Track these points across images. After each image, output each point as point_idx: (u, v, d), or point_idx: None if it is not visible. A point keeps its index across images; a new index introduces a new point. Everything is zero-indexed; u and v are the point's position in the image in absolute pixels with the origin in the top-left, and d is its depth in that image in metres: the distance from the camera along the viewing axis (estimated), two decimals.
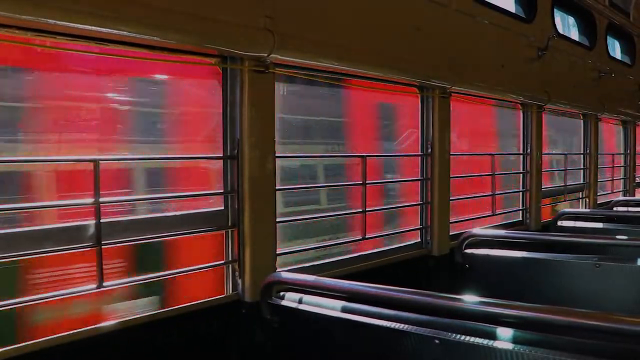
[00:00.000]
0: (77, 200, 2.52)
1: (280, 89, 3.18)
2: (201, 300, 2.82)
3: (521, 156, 5.70)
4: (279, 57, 2.92)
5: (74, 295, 2.45)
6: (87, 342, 2.39)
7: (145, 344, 2.61)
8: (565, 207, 6.35)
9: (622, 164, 8.35)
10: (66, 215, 2.48)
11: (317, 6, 3.17)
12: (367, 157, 3.82)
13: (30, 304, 2.35)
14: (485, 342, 1.96)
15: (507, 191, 7.10)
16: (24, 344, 2.22)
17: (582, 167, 7.11)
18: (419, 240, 4.30)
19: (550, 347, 1.87)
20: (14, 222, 2.33)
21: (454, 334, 2.04)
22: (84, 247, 2.43)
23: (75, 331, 2.36)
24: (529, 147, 5.63)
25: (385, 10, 3.65)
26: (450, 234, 4.39)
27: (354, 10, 3.43)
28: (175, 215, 2.83)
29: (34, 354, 2.23)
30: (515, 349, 1.90)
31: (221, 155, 2.94)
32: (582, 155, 7.13)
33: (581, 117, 7.08)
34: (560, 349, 1.85)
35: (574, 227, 5.26)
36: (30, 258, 2.33)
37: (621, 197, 7.86)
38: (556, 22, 5.85)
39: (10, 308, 2.26)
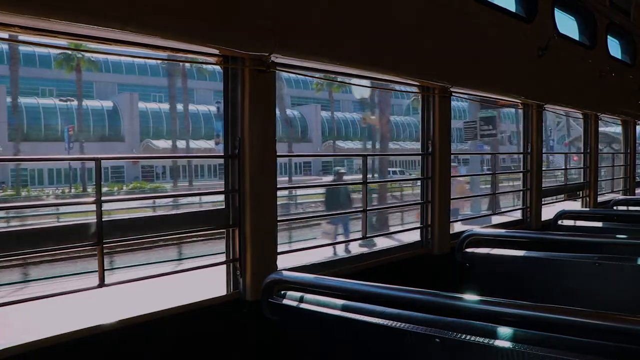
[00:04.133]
0: (79, 199, 2.53)
1: None
2: (203, 299, 2.83)
3: (521, 155, 5.72)
4: (280, 56, 2.93)
5: (75, 293, 2.46)
6: (88, 340, 2.40)
7: (147, 343, 2.62)
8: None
9: (622, 163, 8.36)
10: None
11: (317, 6, 3.18)
12: (368, 157, 3.84)
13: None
14: (485, 341, 1.97)
15: (507, 191, 7.13)
16: (24, 343, 2.23)
17: (582, 166, 7.13)
18: (420, 239, 4.32)
19: (550, 346, 1.87)
20: None
21: (455, 333, 2.05)
22: (85, 245, 2.44)
23: (76, 329, 2.37)
24: (529, 147, 5.63)
25: (386, 11, 3.66)
26: (451, 232, 4.40)
27: (354, 10, 3.44)
28: (177, 214, 2.84)
29: (34, 353, 2.24)
30: (516, 348, 1.91)
31: (223, 154, 2.95)
32: (582, 155, 7.16)
33: (581, 117, 7.10)
34: (560, 348, 1.86)
35: (574, 226, 5.26)
36: None
37: (621, 196, 7.86)
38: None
39: None
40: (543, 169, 5.89)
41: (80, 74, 34.87)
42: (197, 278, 3.02)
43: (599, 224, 5.35)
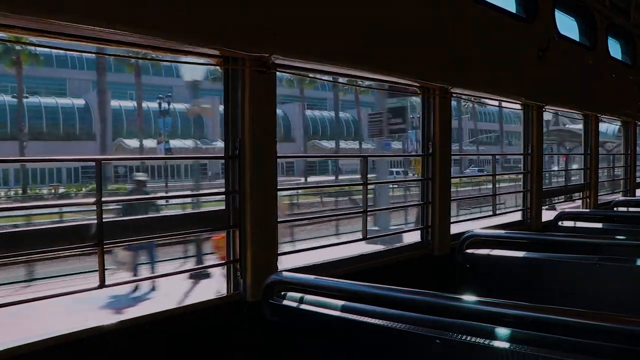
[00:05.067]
0: (79, 200, 2.54)
1: None
2: (203, 300, 2.83)
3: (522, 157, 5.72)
4: (280, 57, 2.93)
5: (76, 294, 2.46)
6: (88, 340, 2.40)
7: (147, 343, 2.62)
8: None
9: (622, 164, 8.37)
10: None
11: (318, 7, 3.18)
12: (368, 157, 3.85)
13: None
14: (485, 342, 1.97)
15: (507, 192, 7.12)
16: (24, 343, 2.23)
17: (582, 167, 7.14)
18: (420, 240, 4.31)
19: (550, 347, 1.87)
20: None
21: (455, 334, 2.05)
22: (85, 246, 2.44)
23: (76, 330, 2.37)
24: (529, 148, 5.63)
25: (386, 11, 3.66)
26: (452, 233, 4.40)
27: (354, 11, 3.44)
28: (177, 215, 2.84)
29: (34, 353, 2.24)
30: (516, 348, 1.91)
31: (223, 155, 2.95)
32: (582, 156, 7.17)
33: (582, 117, 7.10)
34: (560, 349, 1.86)
35: (575, 227, 5.26)
36: None
37: (621, 197, 7.87)
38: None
39: None
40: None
41: (21, 69, 33.10)
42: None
43: (599, 225, 5.34)
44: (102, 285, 2.44)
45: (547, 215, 5.72)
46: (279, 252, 3.11)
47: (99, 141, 37.00)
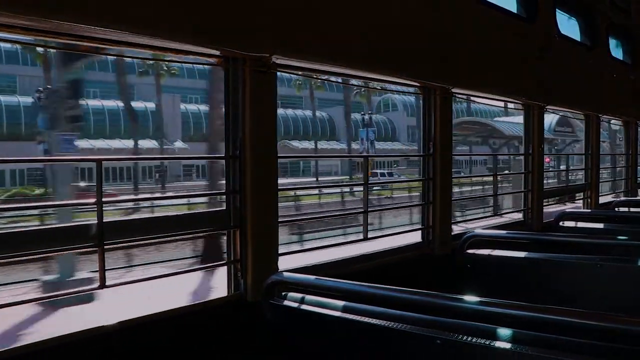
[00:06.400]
0: (80, 200, 2.53)
1: None
2: (204, 300, 2.83)
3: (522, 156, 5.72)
4: (281, 57, 2.93)
5: (77, 294, 2.46)
6: (88, 341, 2.40)
7: (148, 344, 2.62)
8: None
9: (623, 164, 8.37)
10: None
11: (318, 7, 3.18)
12: (369, 157, 3.85)
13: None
14: (486, 342, 1.97)
15: (508, 192, 7.13)
16: (24, 344, 2.23)
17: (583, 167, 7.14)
18: (421, 240, 4.31)
19: (551, 348, 1.87)
20: None
21: (455, 334, 2.05)
22: (86, 246, 2.44)
23: (76, 330, 2.37)
24: (530, 148, 5.63)
25: (386, 11, 3.66)
26: (452, 233, 4.40)
27: (355, 11, 3.44)
28: (178, 216, 2.83)
29: (34, 353, 2.24)
30: (516, 349, 1.90)
31: (224, 155, 2.94)
32: (583, 156, 7.17)
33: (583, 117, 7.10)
34: (561, 349, 1.85)
35: (576, 228, 5.25)
36: None
37: (622, 198, 7.86)
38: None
39: None
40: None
41: None
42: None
43: (601, 225, 5.33)
44: (102, 285, 2.44)
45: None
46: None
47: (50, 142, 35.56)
